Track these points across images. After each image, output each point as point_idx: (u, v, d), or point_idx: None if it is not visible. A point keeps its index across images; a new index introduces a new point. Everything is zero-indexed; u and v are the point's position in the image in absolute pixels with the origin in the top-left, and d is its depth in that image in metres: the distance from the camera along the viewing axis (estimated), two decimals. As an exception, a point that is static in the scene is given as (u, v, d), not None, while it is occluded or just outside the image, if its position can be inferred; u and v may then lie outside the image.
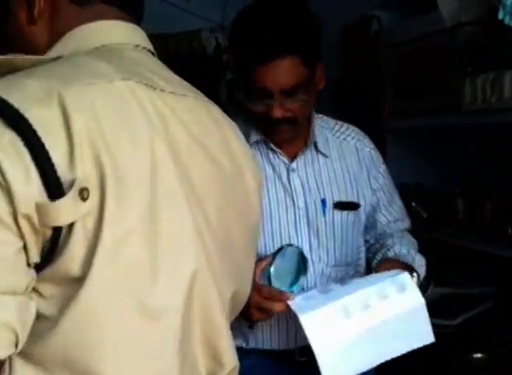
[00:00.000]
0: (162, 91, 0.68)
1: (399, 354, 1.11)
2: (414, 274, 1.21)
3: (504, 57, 1.61)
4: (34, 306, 0.58)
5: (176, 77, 0.75)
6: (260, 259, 1.14)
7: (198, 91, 0.77)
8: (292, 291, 1.14)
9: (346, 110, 2.31)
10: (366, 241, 1.43)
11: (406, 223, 1.45)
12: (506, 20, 1.46)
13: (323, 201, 1.32)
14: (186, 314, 0.66)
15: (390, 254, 1.33)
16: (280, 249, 1.16)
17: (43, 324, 0.59)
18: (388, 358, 1.10)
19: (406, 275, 1.10)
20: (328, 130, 1.37)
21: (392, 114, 2.20)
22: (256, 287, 1.08)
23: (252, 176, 0.79)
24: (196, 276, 0.67)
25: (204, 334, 0.69)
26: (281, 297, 1.11)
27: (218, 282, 0.70)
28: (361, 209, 1.36)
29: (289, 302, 1.10)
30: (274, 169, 1.32)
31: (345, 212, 1.33)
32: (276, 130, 1.25)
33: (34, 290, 0.59)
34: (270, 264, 1.13)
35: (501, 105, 1.62)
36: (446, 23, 1.82)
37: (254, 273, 1.02)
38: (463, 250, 1.86)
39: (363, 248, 1.41)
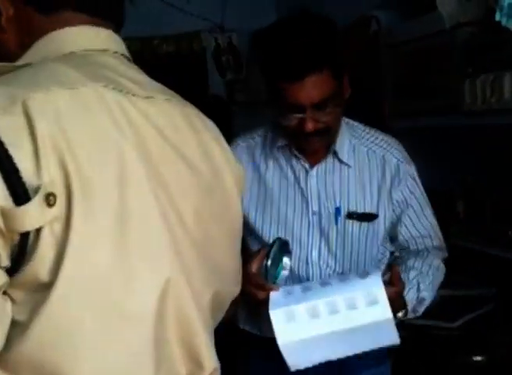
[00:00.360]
0: (134, 95, 0.68)
1: (363, 351, 1.16)
2: (402, 312, 1.25)
3: (504, 58, 1.60)
4: (10, 307, 0.59)
5: (151, 81, 0.75)
6: (257, 252, 1.22)
7: (175, 94, 0.76)
8: (275, 283, 1.20)
9: (346, 110, 2.31)
10: (391, 253, 1.41)
11: (436, 242, 1.39)
12: (503, 22, 1.45)
13: (337, 210, 1.31)
14: (159, 316, 0.66)
15: (403, 277, 1.28)
16: (274, 242, 1.21)
17: (15, 330, 0.59)
18: (352, 353, 1.16)
19: (380, 288, 1.12)
20: (356, 138, 1.35)
21: (392, 114, 2.20)
22: (249, 275, 1.15)
23: (232, 179, 0.79)
24: (170, 278, 0.67)
25: (181, 336, 0.69)
26: (264, 287, 1.18)
27: (192, 283, 0.70)
28: (379, 221, 1.33)
29: (271, 293, 1.18)
30: (294, 173, 1.34)
31: (358, 223, 1.32)
32: (309, 142, 1.27)
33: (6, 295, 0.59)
34: (267, 257, 1.18)
35: (501, 106, 1.61)
36: (446, 23, 1.81)
37: (247, 265, 1.14)
38: (463, 251, 1.85)
39: (384, 259, 1.40)
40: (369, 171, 1.33)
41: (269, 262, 1.17)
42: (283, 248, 1.21)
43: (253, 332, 1.40)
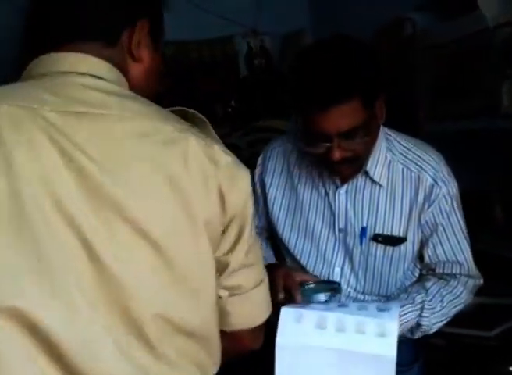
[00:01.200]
0: (63, 111, 0.70)
1: None
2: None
3: (545, 58, 1.56)
4: None
5: (121, 101, 0.75)
6: (305, 275, 1.26)
7: (133, 110, 0.74)
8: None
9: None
10: (421, 270, 1.36)
11: (465, 270, 1.31)
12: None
13: (363, 230, 1.27)
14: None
15: (410, 297, 1.27)
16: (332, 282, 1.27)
17: None
18: None
19: (395, 324, 1.08)
20: (393, 154, 1.28)
21: (427, 117, 2.16)
22: (289, 274, 1.21)
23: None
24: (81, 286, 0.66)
25: None
26: (292, 290, 1.18)
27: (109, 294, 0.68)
28: (407, 245, 1.28)
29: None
30: (325, 187, 1.32)
31: (383, 246, 1.27)
32: (336, 169, 1.24)
33: None
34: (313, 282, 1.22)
35: (541, 108, 1.56)
36: (489, 23, 1.76)
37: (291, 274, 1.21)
38: (499, 258, 1.80)
39: (413, 279, 1.35)
40: (402, 191, 1.27)
41: (312, 285, 1.20)
42: (334, 289, 1.23)
43: None
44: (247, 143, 2.28)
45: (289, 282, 1.18)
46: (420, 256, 1.33)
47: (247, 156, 1.80)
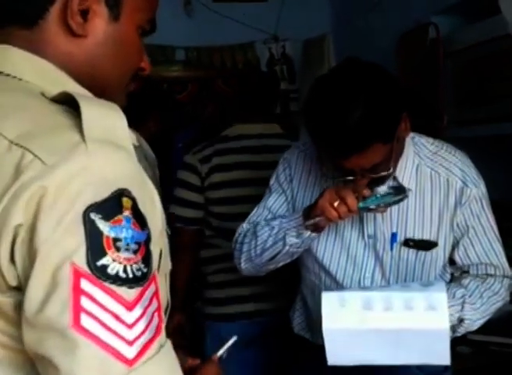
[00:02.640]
0: None
1: (407, 363, 1.10)
2: None
3: None
4: None
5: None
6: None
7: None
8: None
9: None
10: (452, 274, 1.34)
11: (500, 271, 1.29)
12: None
13: (394, 235, 1.26)
14: None
15: (449, 292, 1.22)
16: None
17: None
18: (396, 363, 1.09)
19: (443, 296, 1.06)
20: (420, 158, 1.27)
21: (452, 123, 2.13)
22: (337, 189, 1.17)
23: None
24: None
25: None
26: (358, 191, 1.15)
27: None
28: (438, 249, 1.27)
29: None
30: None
31: (414, 251, 1.26)
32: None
33: None
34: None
35: None
36: (510, 29, 1.74)
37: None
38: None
39: None
40: (431, 195, 1.26)
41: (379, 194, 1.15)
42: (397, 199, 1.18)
43: (306, 337, 1.42)
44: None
45: (342, 191, 1.16)
46: (451, 260, 1.32)
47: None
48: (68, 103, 0.63)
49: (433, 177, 1.27)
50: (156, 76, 3.06)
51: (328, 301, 1.09)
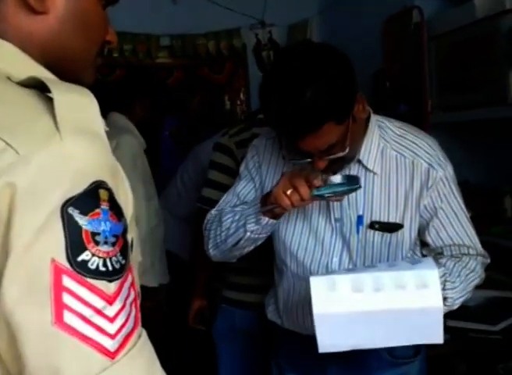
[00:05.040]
0: None
1: (401, 344, 1.08)
2: None
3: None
4: None
5: None
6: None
7: None
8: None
9: (387, 104, 2.24)
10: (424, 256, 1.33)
11: (473, 251, 1.29)
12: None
13: (360, 218, 1.27)
14: None
15: None
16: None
17: None
18: (389, 345, 1.07)
19: (434, 273, 1.03)
20: (386, 141, 1.27)
21: (435, 108, 2.11)
22: (291, 174, 1.17)
23: None
24: None
25: None
26: (310, 180, 1.14)
27: None
28: (404, 231, 1.27)
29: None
30: None
31: (380, 233, 1.26)
32: (324, 171, 1.22)
33: None
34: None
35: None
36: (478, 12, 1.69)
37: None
38: (509, 251, 1.76)
39: None
40: (396, 178, 1.26)
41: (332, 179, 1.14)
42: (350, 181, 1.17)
43: (277, 323, 1.43)
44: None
45: (295, 180, 1.15)
46: (424, 242, 1.32)
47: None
48: (37, 87, 0.61)
49: (399, 160, 1.27)
50: (141, 64, 3.04)
51: (317, 285, 1.05)
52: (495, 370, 1.38)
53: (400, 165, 1.27)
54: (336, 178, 1.17)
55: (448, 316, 1.47)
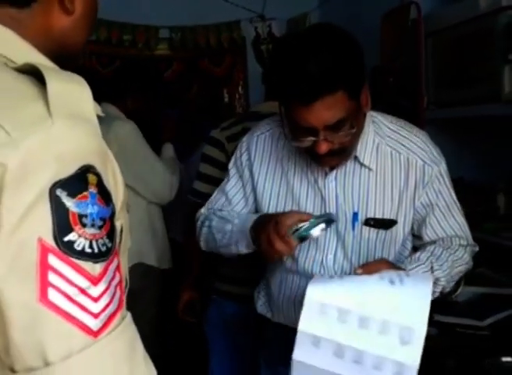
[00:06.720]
0: None
1: None
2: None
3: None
4: None
5: None
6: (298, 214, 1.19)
7: None
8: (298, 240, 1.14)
9: (384, 100, 2.24)
10: (414, 248, 1.36)
11: (464, 241, 1.32)
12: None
13: (355, 215, 1.26)
14: None
15: (413, 257, 1.25)
16: (322, 215, 1.20)
17: None
18: None
19: (422, 331, 1.01)
20: (380, 137, 1.27)
21: (431, 104, 2.11)
22: (278, 224, 1.13)
23: None
24: None
25: None
26: (286, 239, 1.13)
27: None
28: (398, 227, 1.28)
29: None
30: (314, 174, 1.30)
31: (375, 230, 1.27)
32: (323, 162, 1.22)
33: None
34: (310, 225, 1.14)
35: (542, 95, 1.52)
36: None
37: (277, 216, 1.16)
38: (500, 248, 1.77)
39: (402, 259, 1.33)
40: (392, 175, 1.26)
41: (306, 225, 1.12)
42: (327, 222, 1.15)
43: (267, 316, 1.44)
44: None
45: (279, 230, 1.14)
46: (417, 237, 1.33)
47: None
48: (33, 74, 0.63)
49: (393, 156, 1.27)
50: (140, 55, 3.04)
51: (310, 302, 1.05)
52: (481, 365, 1.39)
53: (394, 161, 1.26)
54: (315, 231, 1.14)
55: (436, 310, 1.49)
